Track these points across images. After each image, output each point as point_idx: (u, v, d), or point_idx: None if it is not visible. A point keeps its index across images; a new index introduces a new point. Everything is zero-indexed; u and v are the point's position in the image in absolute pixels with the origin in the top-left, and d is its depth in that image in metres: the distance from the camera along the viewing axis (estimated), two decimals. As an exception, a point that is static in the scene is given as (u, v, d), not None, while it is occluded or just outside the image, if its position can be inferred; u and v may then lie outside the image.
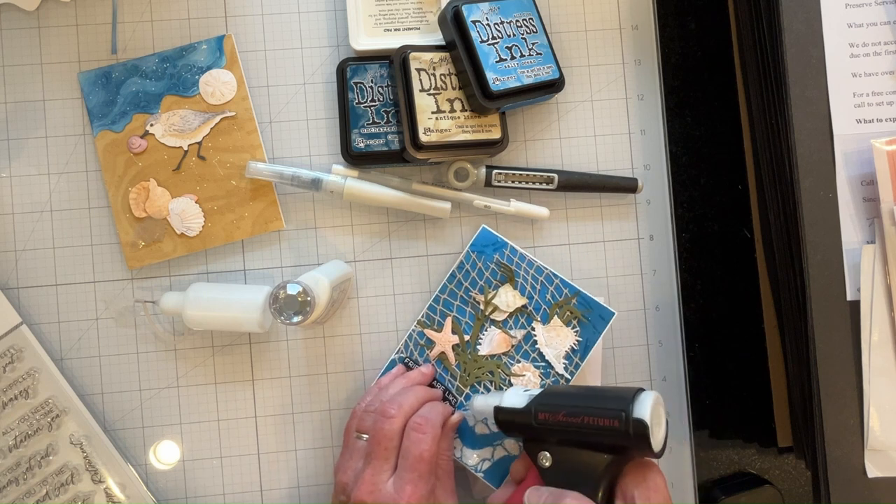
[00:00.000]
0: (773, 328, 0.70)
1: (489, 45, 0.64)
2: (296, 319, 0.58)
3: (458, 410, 0.65)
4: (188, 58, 0.68)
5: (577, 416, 0.55)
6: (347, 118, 0.67)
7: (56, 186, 0.68)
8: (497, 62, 0.64)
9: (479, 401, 0.62)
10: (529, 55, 0.66)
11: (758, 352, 0.71)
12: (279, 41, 0.69)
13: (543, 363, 0.66)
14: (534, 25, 0.67)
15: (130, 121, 0.67)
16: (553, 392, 0.59)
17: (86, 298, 0.67)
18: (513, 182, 0.68)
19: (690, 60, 0.73)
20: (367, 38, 0.68)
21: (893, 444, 0.61)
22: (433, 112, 0.65)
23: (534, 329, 0.67)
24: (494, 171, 0.68)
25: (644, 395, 0.54)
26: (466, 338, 0.67)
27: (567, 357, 0.66)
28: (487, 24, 0.65)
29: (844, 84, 0.63)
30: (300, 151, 0.69)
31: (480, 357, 0.67)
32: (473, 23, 0.64)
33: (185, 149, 0.67)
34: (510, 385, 0.66)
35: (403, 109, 0.65)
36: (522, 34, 0.66)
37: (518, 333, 0.67)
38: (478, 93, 0.64)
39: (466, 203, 0.69)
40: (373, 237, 0.69)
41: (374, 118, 0.67)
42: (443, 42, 0.67)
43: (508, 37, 0.65)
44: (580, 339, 0.66)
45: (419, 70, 0.65)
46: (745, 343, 0.71)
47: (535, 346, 0.67)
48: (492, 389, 0.66)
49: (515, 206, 0.68)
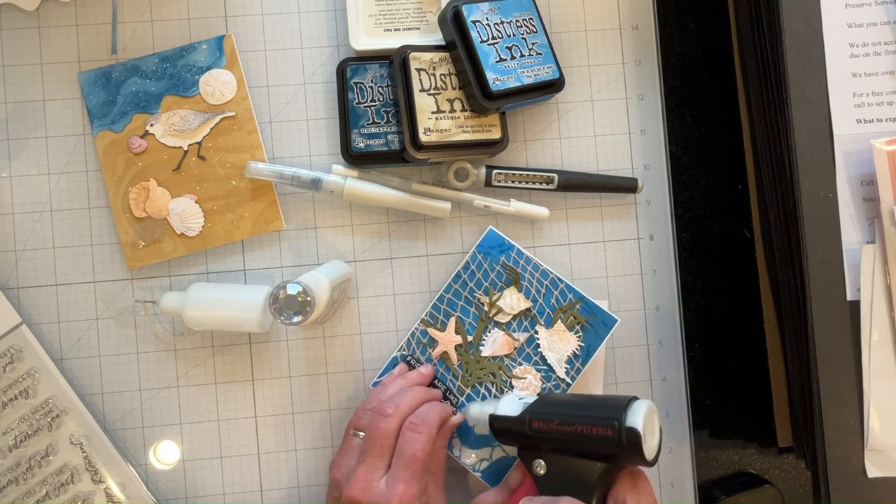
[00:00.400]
0: (773, 328, 0.70)
1: (489, 45, 0.64)
2: (296, 319, 0.58)
3: (459, 411, 0.65)
4: (188, 58, 0.68)
5: (571, 425, 0.55)
6: (347, 118, 0.67)
7: (56, 186, 0.68)
8: (497, 62, 0.64)
9: (475, 408, 0.62)
10: (529, 55, 0.66)
11: (758, 352, 0.71)
12: (279, 41, 0.69)
13: (545, 367, 0.66)
14: (534, 25, 0.67)
15: (130, 121, 0.67)
16: (547, 400, 0.59)
17: (86, 298, 0.67)
18: (513, 182, 0.68)
19: (690, 60, 0.73)
20: (367, 38, 0.68)
21: (893, 444, 0.61)
22: (433, 112, 0.65)
23: (537, 332, 0.67)
24: (494, 171, 0.68)
25: (637, 404, 0.54)
26: (469, 338, 0.67)
27: (569, 361, 0.66)
28: (487, 24, 0.65)
29: (844, 84, 0.63)
30: (300, 151, 0.69)
31: (483, 358, 0.67)
32: (473, 23, 0.64)
33: (185, 149, 0.67)
34: (511, 387, 0.66)
35: (403, 109, 0.65)
36: (522, 34, 0.66)
37: (521, 336, 0.67)
38: (478, 93, 0.64)
39: (466, 203, 0.69)
40: (373, 237, 0.69)
41: (374, 118, 0.67)
42: (443, 42, 0.67)
43: (508, 37, 0.65)
44: (582, 345, 0.66)
45: (419, 70, 0.65)
46: (745, 343, 0.71)
47: (538, 350, 0.67)
48: (493, 391, 0.66)
49: (515, 206, 0.68)
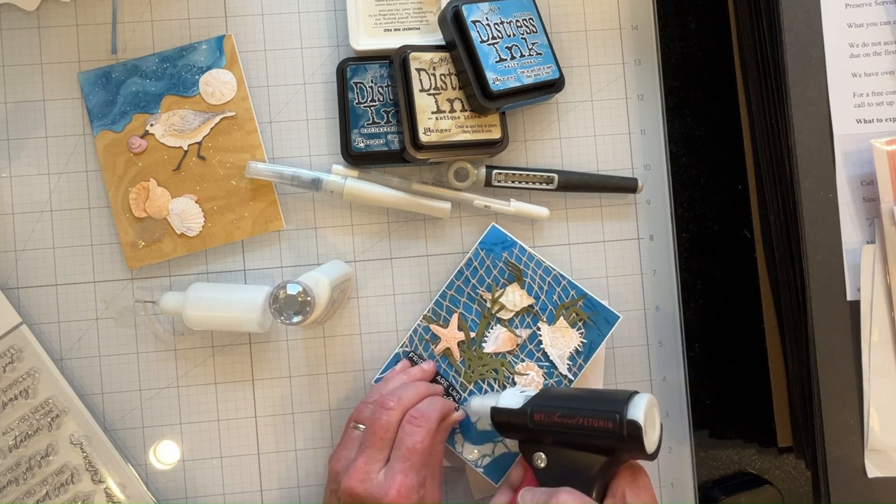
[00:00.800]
0: (773, 328, 0.70)
1: (489, 45, 0.64)
2: (296, 319, 0.58)
3: (461, 408, 0.65)
4: (188, 58, 0.68)
5: (573, 418, 0.55)
6: (347, 118, 0.67)
7: (56, 186, 0.68)
8: (497, 62, 0.64)
9: (476, 402, 0.62)
10: (529, 55, 0.66)
11: (758, 352, 0.71)
12: (279, 41, 0.69)
13: (547, 363, 0.67)
14: (534, 25, 0.67)
15: (130, 121, 0.67)
16: (549, 393, 0.59)
17: (86, 298, 0.67)
18: (513, 182, 0.68)
19: (690, 60, 0.73)
20: (367, 38, 0.68)
21: (893, 444, 0.61)
22: (433, 112, 0.65)
23: (539, 329, 0.67)
24: (494, 171, 0.68)
25: (638, 398, 0.55)
26: (472, 335, 0.67)
27: (571, 358, 0.66)
28: (487, 24, 0.65)
29: (844, 84, 0.63)
30: (300, 151, 0.69)
31: (485, 355, 0.67)
32: (473, 23, 0.64)
33: (185, 149, 0.67)
34: (513, 383, 0.66)
35: (403, 109, 0.65)
36: (522, 34, 0.66)
37: (524, 333, 0.67)
38: (478, 93, 0.64)
39: (466, 203, 0.69)
40: (373, 237, 0.69)
41: (374, 118, 0.67)
42: (443, 42, 0.67)
43: (508, 37, 0.65)
44: (585, 341, 0.67)
45: (419, 70, 0.65)
46: (745, 343, 0.71)
47: (540, 346, 0.67)
48: (496, 387, 0.66)
49: (515, 206, 0.68)
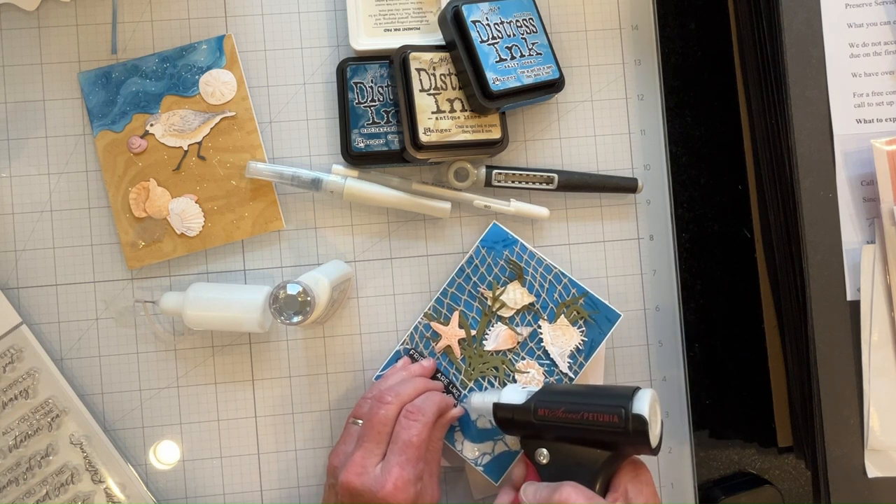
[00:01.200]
0: (773, 328, 0.70)
1: (489, 45, 0.64)
2: (296, 319, 0.58)
3: (460, 405, 0.65)
4: (188, 58, 0.68)
5: (577, 412, 0.55)
6: (347, 118, 0.67)
7: (56, 186, 0.68)
8: (497, 62, 0.64)
9: (477, 398, 0.62)
10: (529, 55, 0.66)
11: (758, 352, 0.71)
12: (279, 41, 0.69)
13: (548, 361, 0.67)
14: (534, 25, 0.67)
15: (130, 121, 0.67)
16: (552, 389, 0.59)
17: (86, 298, 0.67)
18: (513, 182, 0.68)
19: (690, 60, 0.73)
20: (367, 38, 0.68)
21: (893, 444, 0.61)
22: (433, 112, 0.65)
23: (540, 327, 0.67)
24: (494, 171, 0.68)
25: (642, 393, 0.55)
26: (473, 332, 0.67)
27: (572, 356, 0.66)
28: (487, 24, 0.65)
29: (844, 84, 0.63)
30: (300, 151, 0.69)
31: (486, 352, 0.67)
32: (473, 23, 0.64)
33: (185, 149, 0.67)
34: (514, 381, 0.66)
35: (403, 109, 0.65)
36: (522, 34, 0.66)
37: (524, 331, 0.67)
38: (478, 93, 0.64)
39: (466, 203, 0.69)
40: (373, 237, 0.69)
41: (374, 118, 0.67)
42: (443, 42, 0.67)
43: (508, 37, 0.65)
44: (585, 339, 0.67)
45: (419, 70, 0.65)
46: (745, 343, 0.71)
47: (541, 344, 0.67)
48: (496, 385, 0.66)
49: (515, 206, 0.68)
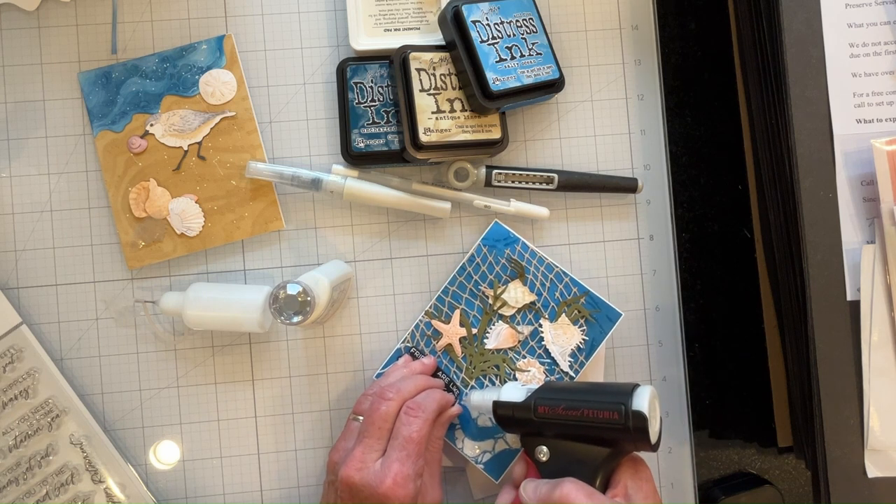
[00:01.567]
0: (773, 328, 0.70)
1: (489, 45, 0.64)
2: (296, 319, 0.58)
3: (458, 403, 0.65)
4: (188, 58, 0.68)
5: (577, 409, 0.56)
6: (347, 118, 0.67)
7: (56, 186, 0.68)
8: (497, 62, 0.64)
9: (477, 396, 0.62)
10: (529, 55, 0.66)
11: (758, 352, 0.71)
12: (279, 41, 0.69)
13: (549, 360, 0.67)
14: (534, 25, 0.67)
15: (130, 121, 0.67)
16: (552, 386, 0.59)
17: (86, 298, 0.67)
18: (513, 182, 0.68)
19: (690, 60, 0.73)
20: (367, 38, 0.68)
21: (893, 444, 0.61)
22: (433, 112, 0.65)
23: (541, 326, 0.67)
24: (494, 171, 0.68)
25: (641, 389, 0.56)
26: (474, 331, 0.67)
27: (572, 355, 0.67)
28: (487, 24, 0.65)
29: (844, 84, 0.63)
30: (300, 151, 0.69)
31: (487, 351, 0.67)
32: (473, 23, 0.64)
33: (185, 149, 0.67)
34: (514, 380, 0.66)
35: (403, 109, 0.65)
36: (522, 34, 0.66)
37: (525, 329, 0.67)
38: (478, 93, 0.64)
39: (466, 203, 0.69)
40: (373, 237, 0.69)
41: (374, 118, 0.67)
42: (443, 42, 0.67)
43: (508, 37, 0.65)
44: (586, 339, 0.67)
45: (419, 70, 0.65)
46: (745, 343, 0.71)
47: (542, 343, 0.67)
48: (497, 383, 0.66)
49: (515, 206, 0.68)
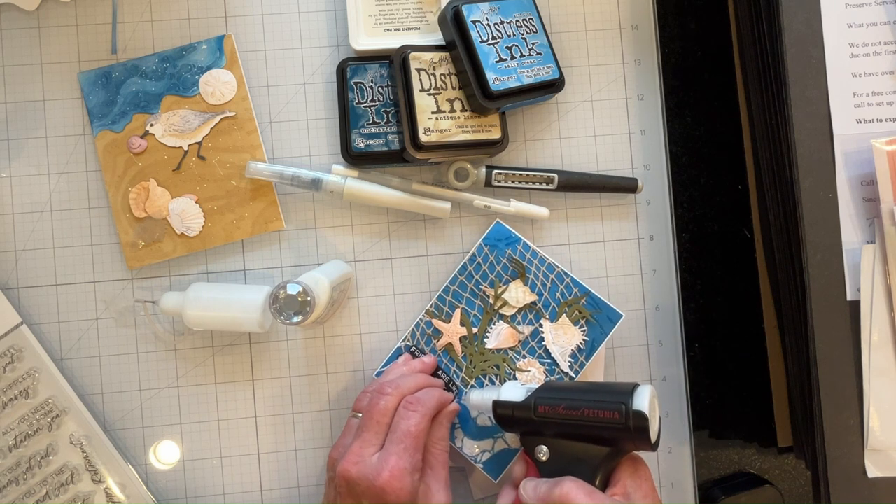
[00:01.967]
0: (773, 328, 0.70)
1: (489, 45, 0.64)
2: (296, 319, 0.58)
3: (457, 402, 0.65)
4: (188, 58, 0.68)
5: (577, 409, 0.56)
6: (347, 118, 0.67)
7: (56, 186, 0.68)
8: (497, 62, 0.64)
9: (476, 395, 0.62)
10: (529, 55, 0.66)
11: (758, 352, 0.71)
12: (279, 41, 0.69)
13: (549, 360, 0.67)
14: (534, 25, 0.67)
15: (130, 121, 0.67)
16: (552, 386, 0.59)
17: (86, 298, 0.67)
18: (513, 182, 0.68)
19: (690, 60, 0.73)
20: (367, 38, 0.68)
21: (893, 444, 0.61)
22: (433, 112, 0.65)
23: (542, 326, 0.67)
24: (494, 171, 0.68)
25: (642, 389, 0.56)
26: (474, 330, 0.67)
27: (573, 356, 0.67)
28: (487, 24, 0.65)
29: (844, 84, 0.63)
30: (300, 151, 0.69)
31: (487, 350, 0.67)
32: (473, 23, 0.64)
33: (185, 149, 0.67)
34: (514, 380, 0.66)
35: (403, 109, 0.65)
36: (522, 34, 0.66)
37: (526, 329, 0.67)
38: (478, 93, 0.64)
39: (466, 203, 0.69)
40: (373, 237, 0.69)
41: (374, 118, 0.67)
42: (443, 42, 0.67)
43: (508, 37, 0.65)
44: (587, 339, 0.67)
45: (419, 70, 0.65)
46: (745, 343, 0.71)
47: (542, 343, 0.67)
48: (497, 383, 0.66)
49: (515, 206, 0.68)
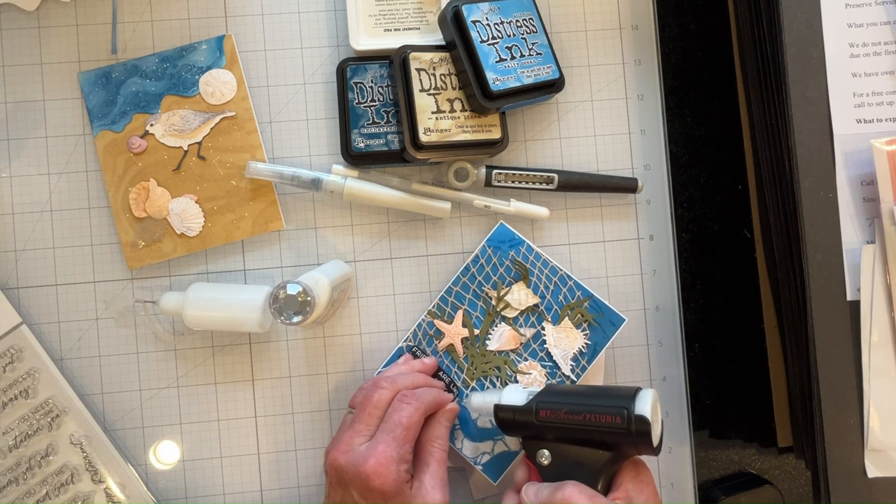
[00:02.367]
0: (773, 328, 0.70)
1: (489, 45, 0.64)
2: (296, 319, 0.58)
3: (456, 402, 0.65)
4: (188, 58, 0.68)
5: (579, 414, 0.56)
6: (347, 118, 0.67)
7: (56, 186, 0.68)
8: (497, 62, 0.64)
9: (477, 398, 0.62)
10: (529, 55, 0.66)
11: (758, 352, 0.71)
12: (279, 41, 0.69)
13: (550, 363, 0.66)
14: (534, 25, 0.67)
15: (130, 121, 0.67)
16: (554, 390, 0.59)
17: (86, 298, 0.67)
18: (513, 182, 0.68)
19: (690, 60, 0.73)
20: (367, 38, 0.68)
21: (893, 444, 0.61)
22: (433, 112, 0.65)
23: (544, 329, 0.67)
24: (494, 171, 0.68)
25: (644, 393, 0.55)
26: (476, 332, 0.67)
27: (574, 359, 0.66)
28: (487, 24, 0.65)
29: (844, 84, 0.63)
30: (300, 151, 0.69)
31: (489, 352, 0.67)
32: (473, 23, 0.64)
33: (185, 149, 0.67)
34: (515, 382, 0.66)
35: (403, 109, 0.65)
36: (522, 34, 0.66)
37: (528, 332, 0.67)
38: (478, 93, 0.64)
39: (466, 203, 0.69)
40: (373, 237, 0.69)
41: (374, 118, 0.67)
42: (443, 42, 0.67)
43: (508, 37, 0.65)
44: (589, 342, 0.67)
45: (419, 70, 0.65)
46: (745, 343, 0.71)
47: (544, 346, 0.67)
48: (498, 385, 0.66)
49: (515, 206, 0.68)
